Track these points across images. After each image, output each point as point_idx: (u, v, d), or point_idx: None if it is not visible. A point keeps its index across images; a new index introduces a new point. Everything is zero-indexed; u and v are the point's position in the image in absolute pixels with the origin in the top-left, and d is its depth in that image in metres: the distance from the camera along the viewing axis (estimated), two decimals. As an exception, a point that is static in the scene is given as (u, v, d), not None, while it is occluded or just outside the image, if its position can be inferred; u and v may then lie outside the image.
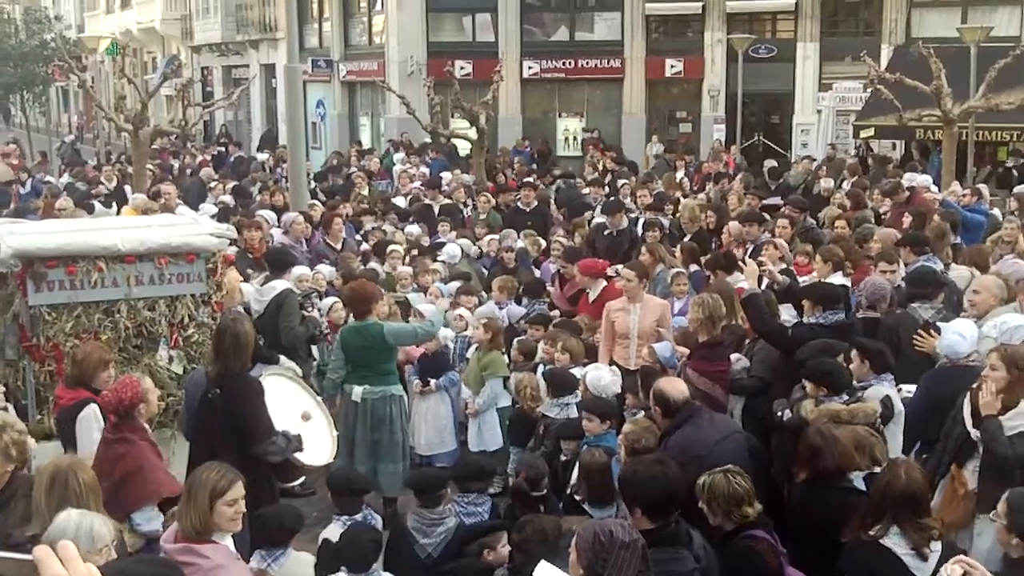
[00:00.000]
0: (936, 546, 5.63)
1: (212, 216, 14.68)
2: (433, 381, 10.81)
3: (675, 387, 7.20)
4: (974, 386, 7.28)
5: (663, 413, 7.01)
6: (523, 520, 6.64)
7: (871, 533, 5.76)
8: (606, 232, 15.13)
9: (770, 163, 27.93)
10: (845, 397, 7.47)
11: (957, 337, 7.90)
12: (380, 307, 10.03)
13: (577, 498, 7.39)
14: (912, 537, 5.64)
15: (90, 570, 1.93)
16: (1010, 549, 5.33)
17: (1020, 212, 15.58)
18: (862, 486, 6.49)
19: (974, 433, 7.11)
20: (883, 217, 15.86)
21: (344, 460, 9.48)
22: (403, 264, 13.45)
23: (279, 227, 15.28)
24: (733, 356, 8.91)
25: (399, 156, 27.90)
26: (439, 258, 14.04)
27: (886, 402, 7.54)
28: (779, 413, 7.81)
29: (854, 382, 7.77)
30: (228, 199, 18.71)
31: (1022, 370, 7.00)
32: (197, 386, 8.03)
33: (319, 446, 8.29)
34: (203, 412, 7.67)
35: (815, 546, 6.23)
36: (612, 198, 18.23)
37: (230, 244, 10.36)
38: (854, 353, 7.96)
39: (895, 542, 5.69)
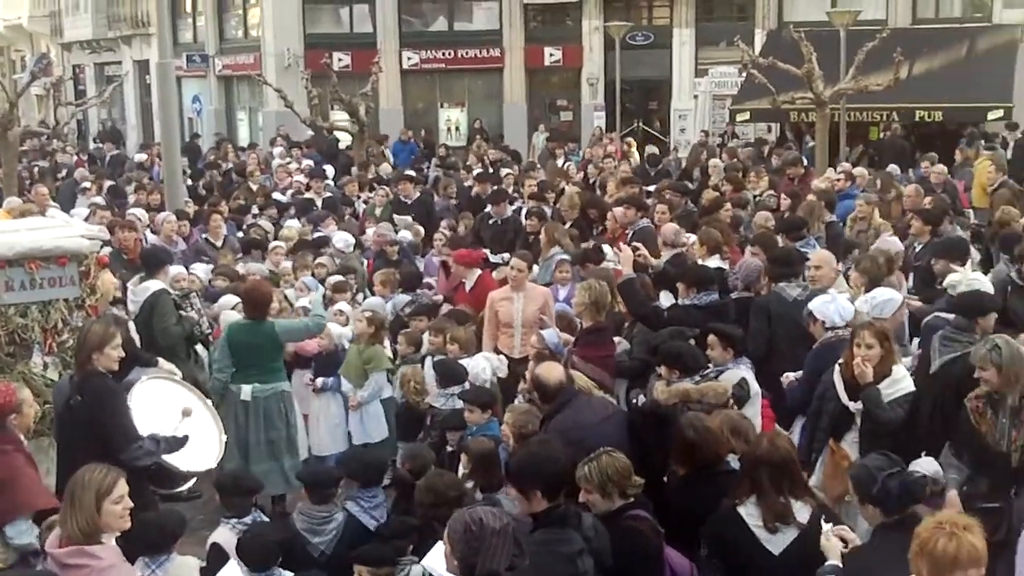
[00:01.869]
0: (803, 518, 5.74)
1: (84, 217, 14.31)
2: (320, 380, 10.75)
3: (551, 372, 7.25)
4: (840, 361, 7.55)
5: (542, 398, 7.07)
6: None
7: (733, 502, 5.90)
8: (491, 221, 15.18)
9: (651, 149, 28.25)
10: (697, 378, 7.62)
11: (835, 304, 8.17)
12: (275, 306, 9.99)
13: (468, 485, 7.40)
14: (764, 509, 5.76)
15: None
16: (871, 519, 5.50)
17: (883, 190, 16.09)
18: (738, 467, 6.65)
19: (851, 405, 7.38)
20: (758, 199, 16.18)
21: (239, 463, 9.38)
22: (285, 260, 13.29)
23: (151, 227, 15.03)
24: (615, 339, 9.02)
25: (278, 151, 27.57)
26: (335, 245, 13.98)
27: (742, 384, 7.74)
28: (634, 400, 7.95)
29: (712, 366, 7.94)
30: (101, 200, 18.27)
31: (889, 342, 7.46)
32: (61, 393, 7.85)
33: (204, 450, 8.13)
34: (65, 419, 7.53)
35: (692, 526, 6.31)
36: (496, 187, 18.31)
37: (103, 246, 10.14)
38: (713, 339, 8.12)
39: (749, 512, 5.80)
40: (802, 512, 5.78)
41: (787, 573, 5.68)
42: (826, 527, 5.61)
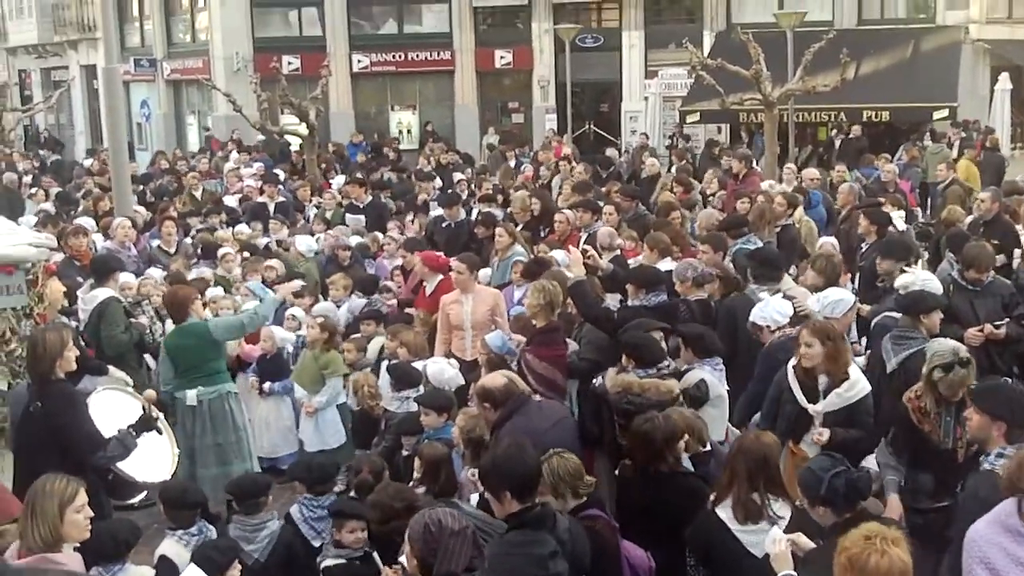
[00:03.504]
0: (776, 522, 5.75)
1: (32, 225, 14.15)
2: (268, 384, 10.70)
3: (494, 380, 7.22)
4: (792, 363, 7.60)
5: (493, 406, 7.05)
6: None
7: (712, 503, 5.93)
8: (444, 225, 15.17)
9: (612, 152, 28.39)
10: (652, 371, 7.64)
11: (770, 306, 8.29)
12: (198, 307, 9.85)
13: (420, 491, 7.40)
14: (735, 505, 5.80)
15: None
16: (821, 519, 5.54)
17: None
18: (691, 467, 6.71)
19: (810, 408, 7.42)
20: (710, 200, 16.31)
21: (187, 469, 9.33)
22: (238, 266, 13.21)
23: (100, 233, 14.90)
24: (566, 340, 9.04)
25: (235, 156, 27.44)
26: (297, 248, 13.95)
27: (700, 386, 7.76)
28: (596, 381, 8.04)
29: (673, 363, 7.98)
30: (49, 206, 18.10)
31: (835, 340, 7.39)
32: (19, 401, 7.78)
33: (158, 461, 8.09)
34: (24, 427, 7.48)
35: (645, 524, 6.39)
36: (449, 191, 18.29)
37: (51, 252, 10.04)
38: (681, 340, 8.17)
39: (728, 515, 5.83)
40: (783, 510, 5.82)
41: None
42: (774, 533, 5.63)
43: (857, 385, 7.42)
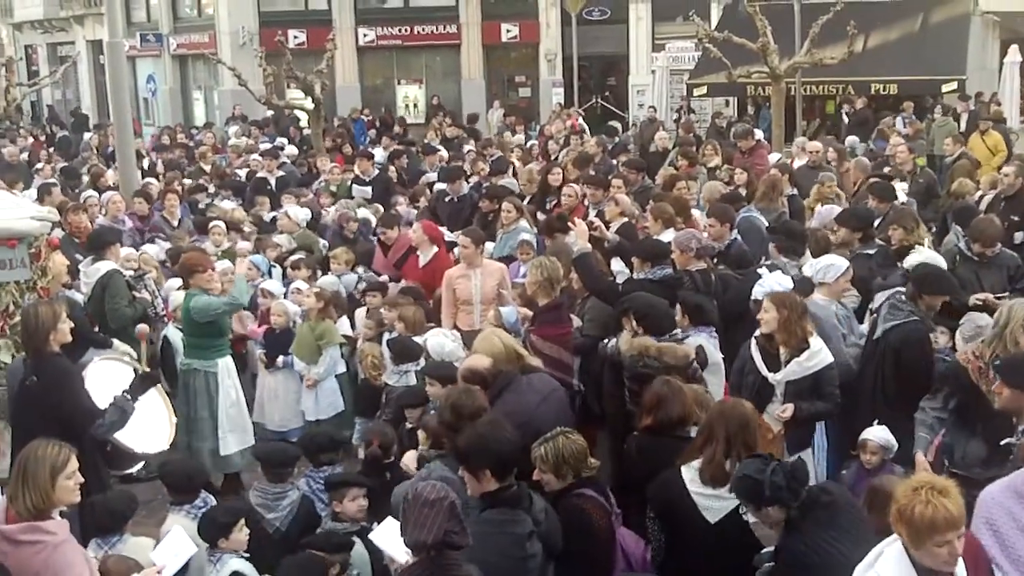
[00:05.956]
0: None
1: (34, 199, 14.13)
2: (281, 358, 10.69)
3: (480, 362, 7.17)
4: (756, 333, 7.62)
5: (484, 387, 6.96)
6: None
7: (679, 460, 5.87)
8: (447, 199, 15.12)
9: (614, 124, 28.27)
10: (666, 339, 7.58)
11: (768, 283, 8.28)
12: (204, 278, 9.64)
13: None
14: (704, 466, 5.74)
15: None
16: (773, 519, 5.29)
17: (838, 163, 16.11)
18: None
19: (771, 376, 7.44)
20: (716, 172, 16.21)
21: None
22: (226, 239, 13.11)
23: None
24: (566, 317, 9.01)
25: (233, 129, 27.40)
26: (286, 217, 13.88)
27: (699, 352, 7.73)
28: (605, 341, 8.07)
29: (678, 332, 7.93)
30: (53, 181, 18.05)
31: (791, 310, 7.40)
32: (16, 375, 7.79)
33: (156, 432, 8.11)
34: (21, 400, 7.49)
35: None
36: (453, 164, 18.24)
37: (54, 227, 10.01)
38: (678, 306, 8.15)
39: (691, 476, 5.77)
40: None
41: (720, 544, 5.64)
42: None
43: (818, 355, 7.42)
